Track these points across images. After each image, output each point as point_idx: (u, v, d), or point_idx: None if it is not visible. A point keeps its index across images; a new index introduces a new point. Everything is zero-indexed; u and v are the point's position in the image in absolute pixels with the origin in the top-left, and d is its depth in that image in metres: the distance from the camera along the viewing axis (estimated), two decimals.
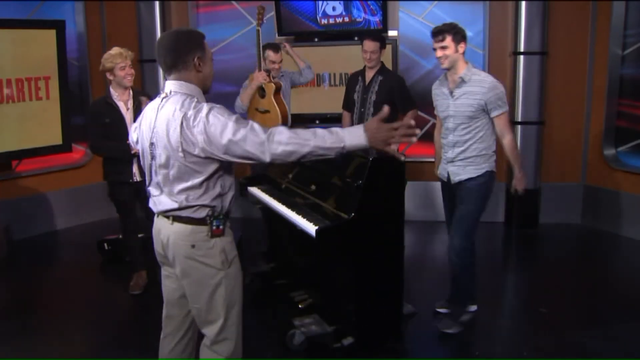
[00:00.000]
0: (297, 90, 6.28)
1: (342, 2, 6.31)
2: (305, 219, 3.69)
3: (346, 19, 6.38)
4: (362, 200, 3.49)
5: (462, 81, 3.94)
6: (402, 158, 3.89)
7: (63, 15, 6.88)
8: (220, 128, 2.44)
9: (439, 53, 3.92)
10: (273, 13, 6.63)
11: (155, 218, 2.76)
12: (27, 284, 5.33)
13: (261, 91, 5.58)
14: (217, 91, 7.33)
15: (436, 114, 4.30)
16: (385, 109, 2.54)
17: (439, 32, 3.89)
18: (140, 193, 4.81)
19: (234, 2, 7.12)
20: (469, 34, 6.49)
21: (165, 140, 2.53)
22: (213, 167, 2.57)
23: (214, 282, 2.67)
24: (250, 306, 4.73)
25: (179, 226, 2.63)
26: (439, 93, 4.18)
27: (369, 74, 5.32)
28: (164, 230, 2.69)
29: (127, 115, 4.71)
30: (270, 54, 5.64)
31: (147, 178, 2.75)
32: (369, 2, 6.25)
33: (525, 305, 4.74)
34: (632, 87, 6.32)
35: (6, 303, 4.99)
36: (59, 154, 6.52)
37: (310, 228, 3.53)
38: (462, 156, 4.03)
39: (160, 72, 6.93)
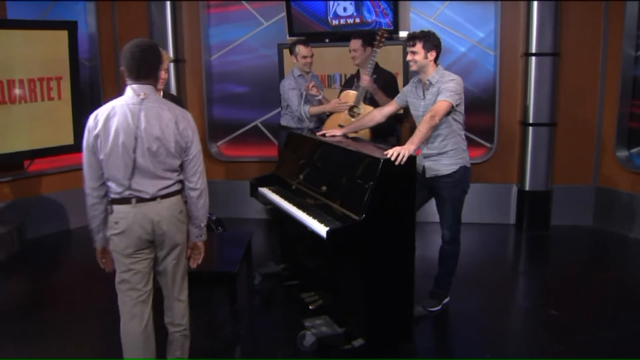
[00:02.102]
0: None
1: (353, 3, 6.30)
2: (315, 220, 3.69)
3: (357, 20, 6.37)
4: (372, 201, 3.49)
5: (430, 84, 4.19)
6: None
7: (75, 15, 6.92)
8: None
9: (409, 57, 4.22)
10: (284, 14, 6.64)
11: (132, 208, 3.10)
12: (38, 283, 5.36)
13: (353, 110, 5.21)
14: (228, 92, 7.37)
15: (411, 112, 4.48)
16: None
17: (410, 38, 4.20)
18: None
19: (244, 3, 7.13)
20: (480, 34, 6.60)
21: (159, 134, 3.06)
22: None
23: (185, 236, 3.29)
24: (261, 307, 4.77)
25: (167, 201, 3.14)
26: (412, 94, 4.39)
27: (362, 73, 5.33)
28: (151, 213, 3.11)
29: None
30: (301, 48, 5.62)
31: (121, 173, 3.06)
32: (380, 3, 6.24)
33: (536, 307, 4.71)
34: None
35: (17, 302, 5.00)
36: (71, 154, 6.54)
37: (321, 229, 3.53)
38: (435, 151, 4.23)
39: (172, 72, 6.95)
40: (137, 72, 3.09)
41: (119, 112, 3.06)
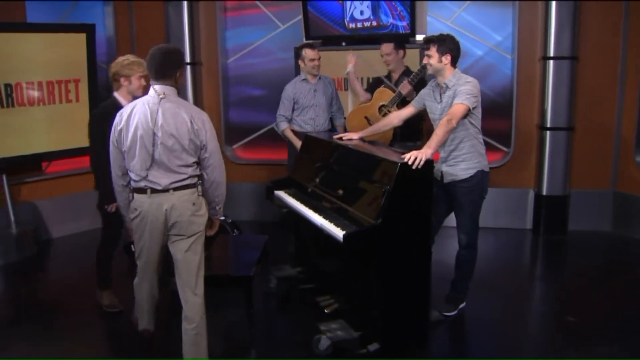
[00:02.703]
0: None
1: (370, 6, 6.28)
2: (332, 224, 3.68)
3: (374, 23, 6.35)
4: (389, 205, 3.47)
5: (447, 87, 4.17)
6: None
7: (93, 18, 6.96)
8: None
9: (425, 60, 4.28)
10: (300, 17, 6.64)
11: (148, 198, 3.43)
12: (53, 284, 5.39)
13: (382, 109, 5.30)
14: (245, 95, 7.38)
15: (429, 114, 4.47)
16: None
17: (425, 42, 4.25)
18: None
19: (261, 6, 7.14)
20: (497, 38, 6.57)
21: (174, 132, 3.34)
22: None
23: (202, 227, 3.54)
24: (276, 310, 4.76)
25: (179, 193, 3.43)
26: (430, 98, 4.38)
27: (394, 77, 5.39)
28: (165, 203, 3.41)
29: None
30: (308, 52, 5.66)
31: (141, 164, 3.39)
32: (397, 6, 6.22)
33: (553, 313, 4.67)
34: None
35: (33, 302, 5.04)
36: (87, 155, 6.57)
37: (338, 233, 3.52)
38: (453, 155, 4.20)
39: (189, 75, 6.99)
40: (156, 72, 3.40)
41: (140, 109, 3.38)
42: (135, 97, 4.29)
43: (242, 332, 4.31)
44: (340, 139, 4.55)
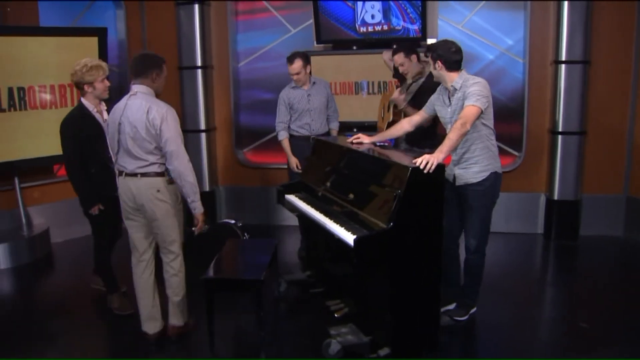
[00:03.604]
0: (335, 97, 6.25)
1: (381, 10, 6.29)
2: (343, 228, 3.68)
3: (385, 27, 6.36)
4: (401, 210, 3.46)
5: (455, 89, 4.15)
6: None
7: (105, 22, 7.00)
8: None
9: (430, 69, 4.36)
10: (312, 21, 6.65)
11: (121, 179, 4.00)
12: (64, 286, 5.41)
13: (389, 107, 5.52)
14: (256, 98, 7.40)
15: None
16: None
17: (425, 52, 4.38)
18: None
19: (272, 10, 7.16)
20: (509, 42, 6.58)
21: (132, 121, 3.82)
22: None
23: (171, 214, 4.02)
24: (286, 314, 4.76)
25: (145, 179, 3.92)
26: (439, 103, 4.36)
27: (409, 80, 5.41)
28: (132, 186, 3.94)
29: (106, 126, 4.48)
30: (288, 66, 5.63)
31: (113, 149, 4.01)
32: (408, 11, 6.22)
33: (565, 319, 4.64)
34: None
35: (43, 304, 5.06)
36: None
37: (348, 237, 3.52)
38: (465, 157, 4.18)
39: (199, 78, 7.01)
40: (133, 73, 3.99)
41: (118, 105, 3.97)
42: (100, 100, 4.61)
43: (252, 335, 4.31)
44: (352, 143, 4.55)
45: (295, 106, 5.77)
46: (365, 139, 4.56)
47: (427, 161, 3.59)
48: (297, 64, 5.57)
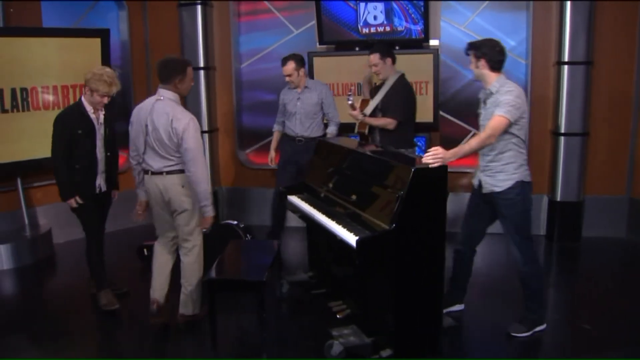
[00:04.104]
0: (337, 98, 6.26)
1: (383, 11, 6.29)
2: (345, 229, 3.68)
3: (387, 29, 6.36)
4: (403, 211, 3.46)
5: (491, 93, 4.08)
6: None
7: (107, 23, 7.01)
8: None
9: (470, 67, 4.23)
10: (314, 22, 6.65)
11: (147, 177, 4.31)
12: (66, 287, 5.41)
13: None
14: (258, 100, 7.39)
15: None
16: None
17: (467, 48, 4.19)
18: (105, 205, 4.99)
19: (275, 11, 7.16)
20: (511, 43, 6.53)
21: (157, 126, 4.12)
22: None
23: (194, 206, 4.28)
24: (288, 315, 4.76)
25: (170, 176, 4.22)
26: (480, 105, 4.29)
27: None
28: (160, 183, 4.24)
29: (99, 128, 4.71)
30: (282, 68, 5.90)
31: (139, 149, 4.27)
32: (410, 12, 6.22)
33: (567, 321, 4.63)
34: None
35: (45, 305, 5.07)
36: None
37: (351, 238, 3.52)
38: (491, 166, 4.12)
39: (202, 79, 7.01)
40: (159, 78, 4.21)
41: (144, 106, 4.25)
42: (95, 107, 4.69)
43: (254, 336, 4.31)
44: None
45: (287, 107, 6.02)
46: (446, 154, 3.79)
47: (436, 155, 3.60)
48: (290, 65, 5.79)
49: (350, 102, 5.41)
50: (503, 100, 3.93)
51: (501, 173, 4.08)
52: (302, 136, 5.96)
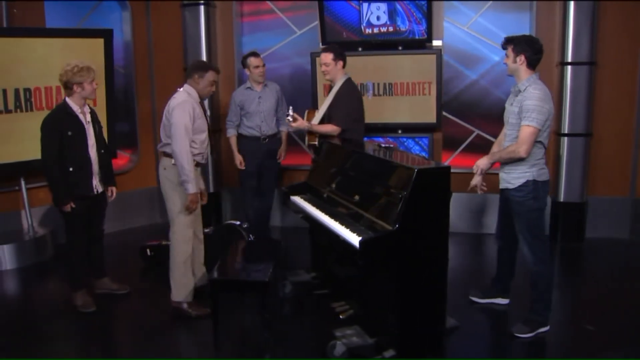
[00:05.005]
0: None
1: (386, 11, 6.28)
2: (348, 230, 3.67)
3: (390, 29, 6.36)
4: (406, 212, 3.46)
5: (519, 91, 4.13)
6: None
7: (110, 24, 7.02)
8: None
9: (505, 60, 4.23)
10: (317, 22, 6.65)
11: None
12: (69, 288, 5.41)
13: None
14: None
15: None
16: None
17: (505, 42, 4.21)
18: (101, 205, 5.01)
19: (277, 11, 7.16)
20: None
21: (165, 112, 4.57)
22: None
23: (173, 191, 4.57)
24: (291, 315, 4.76)
25: (162, 158, 4.63)
26: (508, 100, 4.36)
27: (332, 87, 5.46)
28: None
29: (89, 127, 4.73)
30: (252, 60, 5.97)
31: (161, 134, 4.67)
32: (413, 12, 6.22)
33: (570, 321, 4.62)
34: None
35: (50, 305, 5.07)
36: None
37: (354, 239, 3.52)
38: (507, 161, 4.19)
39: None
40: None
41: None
42: (84, 101, 4.74)
43: (257, 337, 4.31)
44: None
45: (246, 107, 6.00)
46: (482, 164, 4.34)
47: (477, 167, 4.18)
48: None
49: (288, 116, 5.27)
50: (528, 106, 3.97)
51: (515, 170, 4.15)
52: (267, 135, 6.03)
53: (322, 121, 5.41)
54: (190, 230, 4.67)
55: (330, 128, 5.23)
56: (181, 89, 4.62)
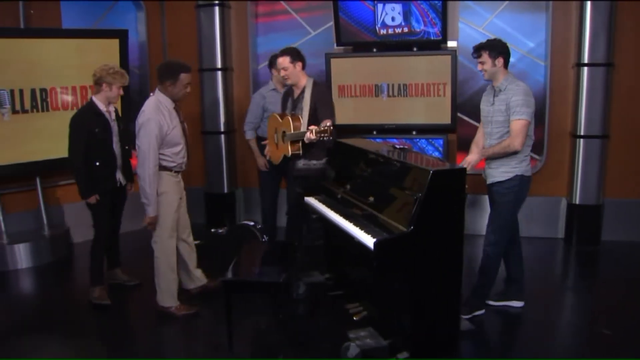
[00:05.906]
0: (354, 100, 6.26)
1: (401, 12, 6.27)
2: (362, 231, 3.65)
3: (405, 30, 6.34)
4: (421, 213, 3.44)
5: (500, 90, 4.34)
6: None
7: (126, 24, 7.05)
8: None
9: (479, 67, 4.41)
10: (332, 23, 6.65)
11: None
12: (84, 286, 5.43)
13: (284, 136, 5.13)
14: None
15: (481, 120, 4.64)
16: None
17: (475, 50, 4.38)
18: (122, 197, 5.19)
19: (292, 12, 7.16)
20: (530, 44, 6.47)
21: None
22: None
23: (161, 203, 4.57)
24: (304, 316, 4.75)
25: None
26: (484, 101, 4.56)
27: (296, 92, 5.20)
28: None
29: (114, 125, 4.92)
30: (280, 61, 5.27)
31: None
32: (428, 13, 6.19)
33: (586, 325, 4.58)
34: None
35: (63, 304, 5.10)
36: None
37: (368, 240, 3.50)
38: (494, 157, 4.37)
39: (219, 80, 7.03)
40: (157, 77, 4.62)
41: None
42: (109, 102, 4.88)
43: (271, 338, 4.31)
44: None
45: (269, 109, 5.88)
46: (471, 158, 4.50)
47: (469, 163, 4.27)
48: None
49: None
50: (515, 102, 4.19)
51: (502, 166, 4.32)
52: None
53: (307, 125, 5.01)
54: (171, 240, 4.70)
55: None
56: (153, 95, 4.55)
